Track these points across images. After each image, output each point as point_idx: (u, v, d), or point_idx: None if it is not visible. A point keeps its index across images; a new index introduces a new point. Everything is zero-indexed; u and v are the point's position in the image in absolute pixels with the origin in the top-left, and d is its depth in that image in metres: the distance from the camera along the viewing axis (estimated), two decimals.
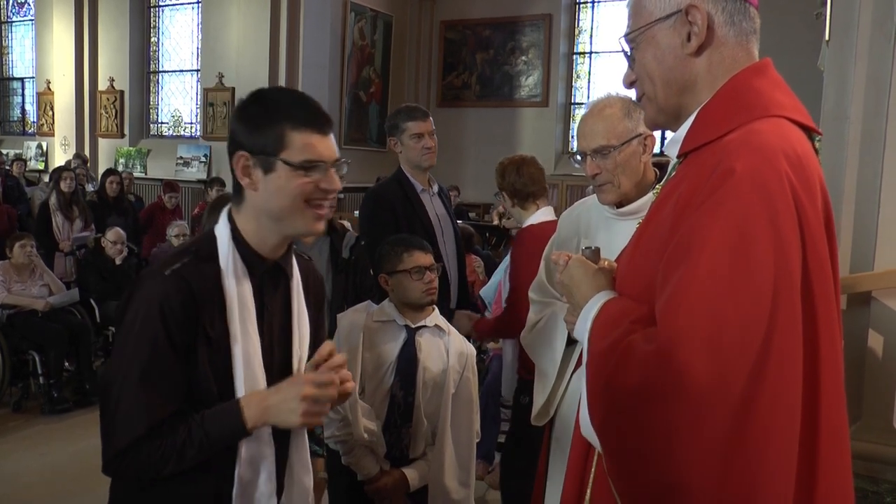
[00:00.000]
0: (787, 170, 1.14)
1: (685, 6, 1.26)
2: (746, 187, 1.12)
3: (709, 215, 1.14)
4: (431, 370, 2.52)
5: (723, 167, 1.16)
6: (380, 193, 3.37)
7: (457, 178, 10.96)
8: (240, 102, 1.57)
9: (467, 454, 2.59)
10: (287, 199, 1.49)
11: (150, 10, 12.41)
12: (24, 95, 14.20)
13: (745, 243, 1.11)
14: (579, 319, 1.38)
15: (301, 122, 1.50)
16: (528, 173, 3.11)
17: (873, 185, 3.22)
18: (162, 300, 1.44)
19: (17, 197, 8.90)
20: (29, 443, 4.86)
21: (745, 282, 1.10)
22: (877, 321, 3.23)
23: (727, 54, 1.28)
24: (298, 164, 1.48)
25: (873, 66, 3.23)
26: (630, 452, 1.16)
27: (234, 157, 1.51)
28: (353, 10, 10.94)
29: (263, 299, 1.59)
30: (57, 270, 6.57)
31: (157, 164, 11.91)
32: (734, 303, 1.09)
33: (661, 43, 1.30)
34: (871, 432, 3.21)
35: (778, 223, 1.11)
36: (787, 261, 1.11)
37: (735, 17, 1.28)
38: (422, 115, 3.32)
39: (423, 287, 2.49)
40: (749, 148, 1.17)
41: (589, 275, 1.42)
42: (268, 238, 1.56)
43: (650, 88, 1.34)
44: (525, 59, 11.76)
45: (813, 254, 1.14)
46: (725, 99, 1.27)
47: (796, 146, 1.19)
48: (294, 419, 1.47)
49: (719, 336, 1.08)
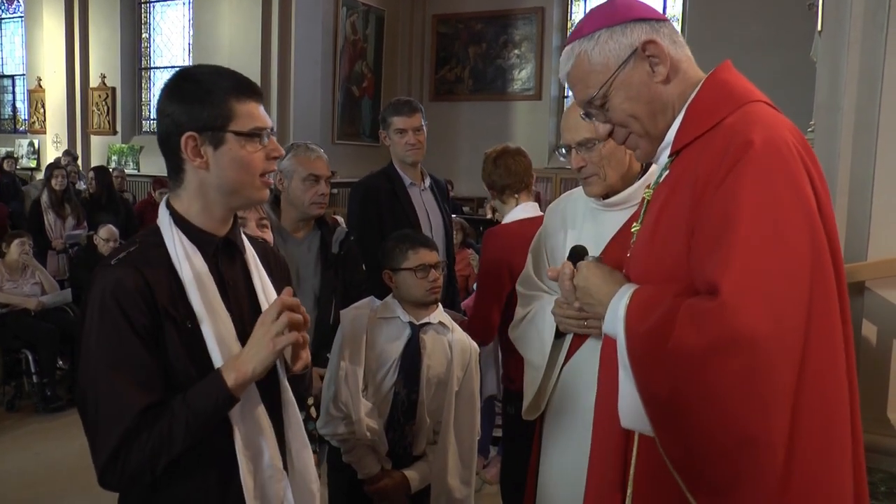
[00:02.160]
0: (792, 140, 1.28)
1: (640, 43, 1.39)
2: (766, 154, 1.24)
3: (739, 183, 1.24)
4: (435, 367, 2.51)
5: (739, 140, 1.27)
6: (365, 187, 3.37)
7: (450, 172, 10.93)
8: (168, 83, 1.54)
9: (469, 452, 2.57)
10: (241, 170, 1.50)
11: (142, 6, 12.36)
12: (15, 93, 14.12)
13: (778, 204, 1.22)
14: (608, 312, 1.42)
15: (242, 92, 1.51)
16: (505, 165, 2.99)
17: (866, 174, 3.22)
18: (114, 289, 1.42)
19: (13, 194, 8.86)
20: (23, 442, 4.85)
21: (784, 238, 1.21)
22: (870, 311, 3.23)
23: (683, 69, 1.42)
24: (248, 132, 1.49)
25: (865, 56, 3.22)
26: (699, 414, 1.22)
27: (182, 139, 1.48)
28: (345, 5, 10.90)
29: (223, 276, 1.57)
30: (50, 268, 6.54)
31: (149, 160, 11.87)
32: (783, 260, 1.20)
33: (629, 84, 1.41)
34: (865, 422, 3.18)
35: (798, 186, 1.24)
36: (812, 217, 1.23)
37: (674, 37, 1.42)
38: (408, 110, 3.29)
39: (428, 286, 2.47)
40: (757, 123, 1.29)
41: (606, 273, 1.51)
42: (214, 213, 1.55)
43: (638, 127, 1.44)
44: (518, 53, 11.75)
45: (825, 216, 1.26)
46: (710, 93, 1.39)
47: (789, 123, 1.33)
48: (266, 350, 1.45)
49: (773, 289, 1.18)
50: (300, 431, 1.68)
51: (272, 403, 1.60)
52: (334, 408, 2.49)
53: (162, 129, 1.53)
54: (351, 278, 2.91)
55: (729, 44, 8.99)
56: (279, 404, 1.63)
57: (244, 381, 1.45)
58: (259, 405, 1.54)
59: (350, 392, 2.45)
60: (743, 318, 1.16)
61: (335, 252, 2.88)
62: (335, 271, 2.88)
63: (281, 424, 1.63)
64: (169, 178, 1.57)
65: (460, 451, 2.54)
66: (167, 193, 1.60)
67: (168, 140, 1.51)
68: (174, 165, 1.53)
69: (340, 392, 2.46)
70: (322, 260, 2.88)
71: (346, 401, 2.46)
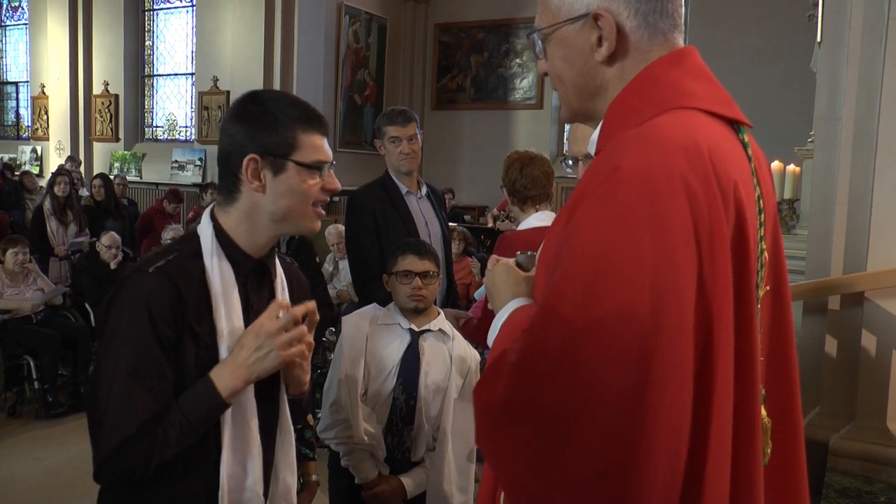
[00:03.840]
0: (682, 167, 1.01)
1: (593, 12, 1.15)
2: (630, 185, 1.00)
3: (588, 215, 1.03)
4: (434, 374, 2.52)
5: (610, 164, 1.04)
6: (361, 196, 3.38)
7: (452, 181, 10.97)
8: (235, 104, 1.55)
9: (467, 460, 2.58)
10: (296, 199, 1.51)
11: (145, 14, 12.42)
12: (19, 100, 14.19)
13: (621, 245, 0.98)
14: (491, 327, 1.31)
15: (307, 123, 1.52)
16: (532, 175, 2.98)
17: (865, 185, 3.23)
18: (147, 297, 1.44)
19: (14, 202, 8.86)
20: (24, 448, 4.85)
21: (618, 288, 0.97)
22: (870, 321, 3.24)
23: (641, 58, 1.16)
24: (310, 164, 1.51)
25: (865, 67, 3.25)
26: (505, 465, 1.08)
27: (243, 160, 1.49)
28: (348, 13, 10.95)
29: (249, 297, 1.58)
30: (52, 275, 6.56)
31: (152, 167, 11.90)
32: (605, 313, 0.96)
33: (569, 44, 1.19)
34: (865, 432, 3.22)
35: (662, 224, 0.98)
36: (673, 264, 0.98)
37: (650, 18, 1.16)
38: (402, 119, 3.29)
39: (409, 292, 2.50)
40: (641, 143, 1.05)
41: (510, 281, 1.35)
42: (259, 237, 1.56)
43: (561, 90, 1.26)
44: (519, 62, 11.79)
45: (708, 258, 1.01)
46: (634, 93, 1.16)
47: (701, 141, 1.05)
48: (274, 358, 1.46)
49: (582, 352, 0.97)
50: (290, 457, 1.69)
51: (268, 425, 1.61)
52: (334, 412, 2.50)
53: (223, 147, 1.54)
54: None
55: (730, 54, 9.03)
56: (275, 426, 1.65)
57: (243, 385, 1.47)
58: (253, 428, 1.54)
59: (349, 396, 2.47)
60: (536, 380, 0.99)
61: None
62: None
63: (272, 446, 1.64)
64: (219, 192, 1.58)
65: (458, 459, 2.55)
66: (213, 204, 1.61)
67: (228, 159, 1.53)
68: (229, 183, 1.54)
69: (340, 396, 2.48)
70: None
71: (345, 405, 2.47)
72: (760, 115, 7.23)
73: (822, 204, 3.50)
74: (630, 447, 0.95)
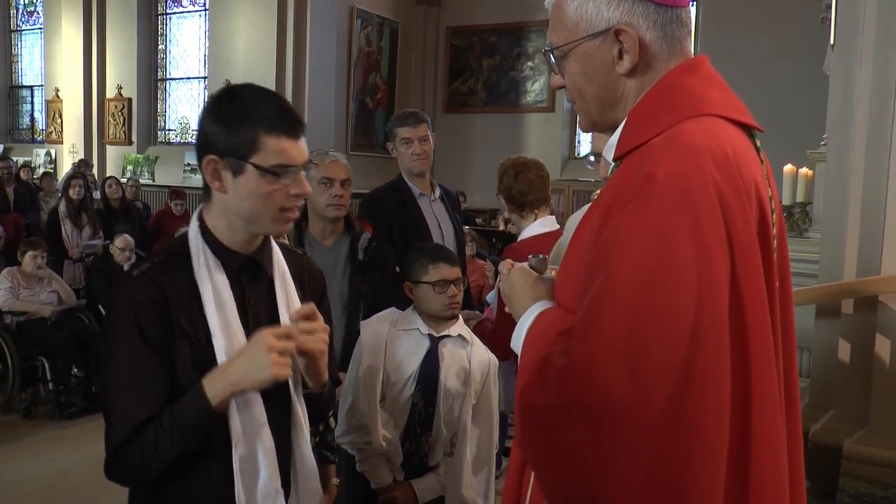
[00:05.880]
0: (713, 172, 1.06)
1: (614, 28, 1.18)
2: (667, 192, 1.04)
3: (628, 222, 1.06)
4: (453, 380, 2.50)
5: (644, 171, 1.08)
6: (374, 198, 3.38)
7: (463, 184, 10.96)
8: (211, 99, 1.52)
9: (486, 465, 2.56)
10: (258, 202, 1.48)
11: (158, 18, 12.49)
12: (34, 103, 14.29)
13: (666, 254, 1.02)
14: (516, 330, 1.31)
15: (274, 125, 1.46)
16: (528, 180, 2.95)
17: (879, 188, 3.22)
18: (132, 301, 1.46)
19: (29, 205, 8.92)
20: (38, 448, 4.88)
21: (666, 295, 1.01)
22: (884, 325, 3.23)
23: (660, 67, 1.20)
24: (268, 169, 1.45)
25: (878, 70, 3.23)
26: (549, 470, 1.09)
27: (204, 160, 1.48)
28: (360, 17, 10.98)
29: (245, 293, 1.57)
30: (66, 277, 6.60)
31: (164, 170, 11.97)
32: (655, 317, 1.00)
33: (590, 59, 1.22)
34: (879, 437, 3.20)
35: (701, 231, 1.03)
36: (712, 271, 1.02)
37: (667, 28, 1.19)
38: (413, 121, 3.30)
39: (446, 301, 2.45)
40: (673, 150, 1.09)
41: (529, 284, 1.36)
42: (237, 235, 1.55)
43: (581, 103, 1.29)
44: (531, 65, 11.78)
45: (741, 261, 1.06)
46: (654, 100, 1.20)
47: (726, 146, 1.10)
48: (266, 373, 1.42)
49: (640, 354, 1.00)
50: (307, 454, 1.65)
51: (280, 424, 1.58)
52: (351, 417, 2.50)
53: (197, 144, 1.53)
54: (379, 284, 2.87)
55: (742, 57, 9.00)
56: (288, 425, 1.61)
57: (233, 395, 1.46)
58: (263, 426, 1.51)
59: (367, 402, 2.46)
60: (595, 382, 1.01)
61: (361, 259, 2.87)
62: (362, 277, 2.85)
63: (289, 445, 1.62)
64: (203, 191, 1.58)
65: (477, 464, 2.53)
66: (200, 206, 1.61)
67: (198, 155, 1.52)
68: (204, 181, 1.53)
69: (358, 401, 2.48)
70: (350, 264, 2.86)
71: (363, 410, 2.47)
72: (773, 118, 7.19)
73: (836, 207, 3.48)
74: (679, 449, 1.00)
